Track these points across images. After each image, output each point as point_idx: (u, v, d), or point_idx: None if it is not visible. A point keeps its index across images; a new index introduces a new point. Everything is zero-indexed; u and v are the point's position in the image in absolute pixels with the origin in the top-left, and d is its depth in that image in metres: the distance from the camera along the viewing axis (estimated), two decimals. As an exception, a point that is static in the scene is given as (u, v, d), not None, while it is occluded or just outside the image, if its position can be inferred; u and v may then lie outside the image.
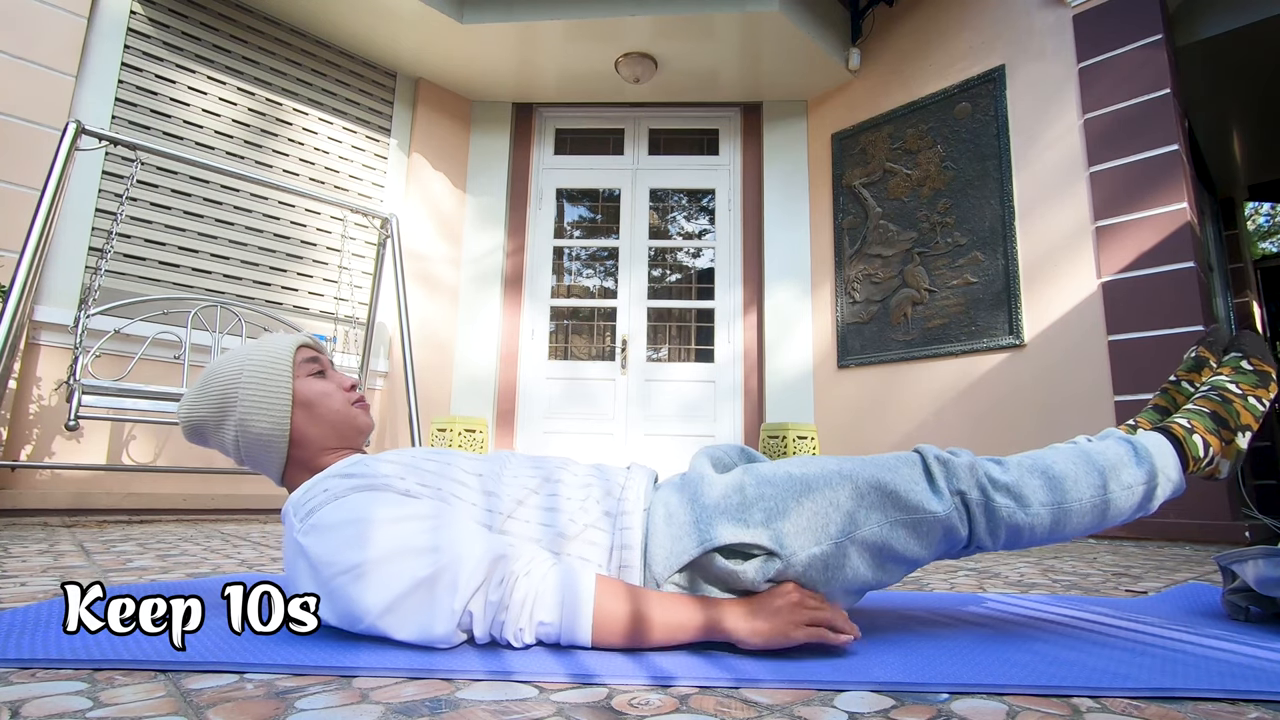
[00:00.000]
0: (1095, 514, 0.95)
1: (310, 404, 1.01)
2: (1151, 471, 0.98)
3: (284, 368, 1.01)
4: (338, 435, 1.02)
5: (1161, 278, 2.92)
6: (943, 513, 0.88)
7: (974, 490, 0.90)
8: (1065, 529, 0.94)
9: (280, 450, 0.99)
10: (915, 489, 0.89)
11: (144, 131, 3.34)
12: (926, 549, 0.90)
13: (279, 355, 1.02)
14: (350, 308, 3.96)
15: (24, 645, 0.76)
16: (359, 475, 0.89)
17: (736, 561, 0.85)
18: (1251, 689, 0.69)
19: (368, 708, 0.60)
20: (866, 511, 0.87)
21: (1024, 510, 0.91)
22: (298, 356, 1.04)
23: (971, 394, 3.45)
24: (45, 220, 2.47)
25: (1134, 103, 3.08)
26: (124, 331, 3.04)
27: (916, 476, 0.90)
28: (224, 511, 3.40)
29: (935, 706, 0.64)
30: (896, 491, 0.88)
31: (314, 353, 1.07)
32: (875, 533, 0.87)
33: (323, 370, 1.06)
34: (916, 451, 0.95)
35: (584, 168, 4.62)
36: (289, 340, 1.05)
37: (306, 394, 1.01)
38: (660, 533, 0.90)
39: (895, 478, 0.89)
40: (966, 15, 3.74)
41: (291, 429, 0.99)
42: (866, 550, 0.87)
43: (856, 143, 4.15)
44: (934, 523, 0.88)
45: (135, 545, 1.98)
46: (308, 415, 1.01)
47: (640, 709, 0.62)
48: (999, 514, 0.90)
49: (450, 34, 3.90)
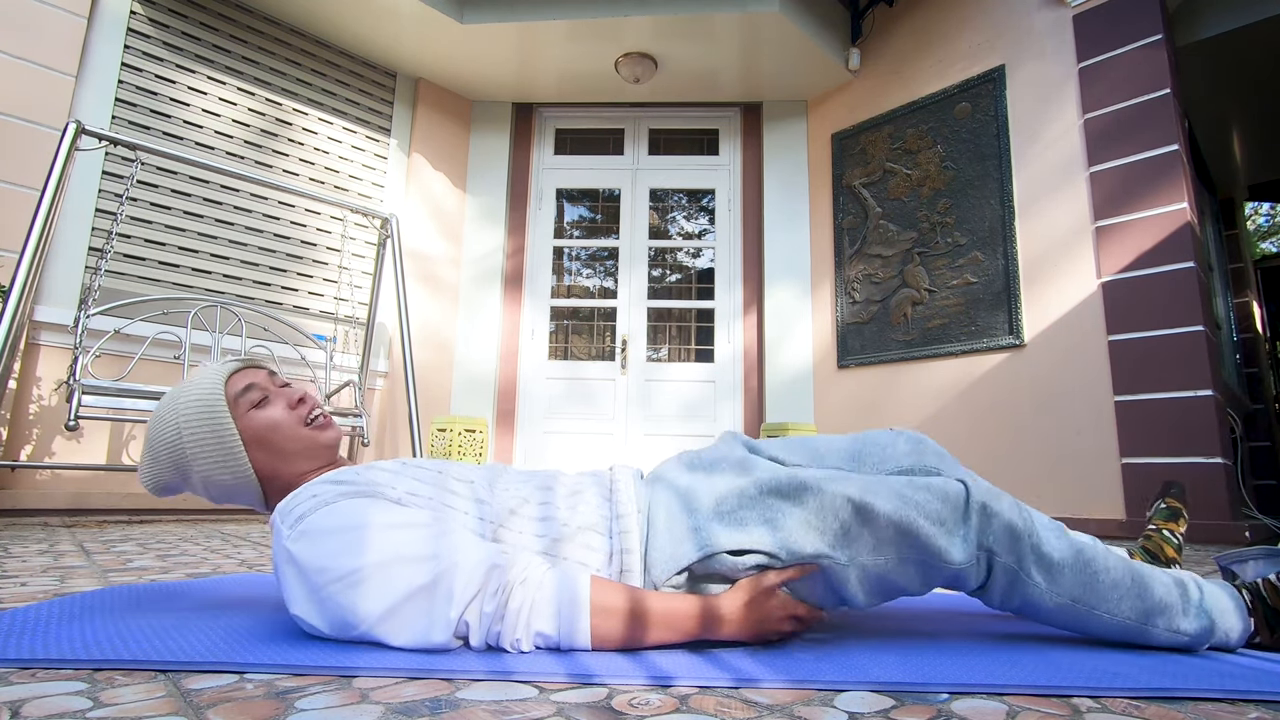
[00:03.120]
0: (1123, 632, 0.88)
1: (262, 441, 0.95)
2: (1206, 628, 0.87)
3: (220, 413, 0.94)
4: (306, 458, 0.98)
5: (1161, 278, 2.92)
6: (960, 564, 0.85)
7: (1008, 557, 0.85)
8: (1085, 628, 0.89)
9: (252, 489, 0.96)
10: (938, 535, 0.84)
11: (144, 131, 3.34)
12: (926, 587, 0.89)
13: (210, 401, 0.95)
14: (350, 308, 3.96)
15: (24, 645, 0.76)
16: (349, 482, 0.88)
17: (733, 557, 0.86)
18: (1251, 689, 0.69)
19: (368, 708, 0.60)
20: (880, 544, 0.85)
21: (1053, 593, 0.86)
22: (230, 390, 0.96)
23: (971, 394, 3.45)
24: (45, 220, 2.47)
25: (1134, 103, 3.08)
26: (124, 331, 3.04)
27: (947, 518, 0.85)
28: (224, 511, 3.40)
29: (935, 706, 0.64)
30: (918, 535, 0.83)
31: (249, 379, 0.98)
32: (881, 565, 0.86)
33: (265, 395, 0.97)
34: (962, 485, 0.86)
35: (584, 168, 4.62)
36: (214, 377, 0.97)
37: (254, 430, 0.95)
38: (660, 536, 0.90)
39: (921, 518, 0.84)
40: (966, 15, 3.74)
41: (254, 469, 0.95)
42: (867, 577, 0.87)
43: (856, 143, 4.15)
44: (947, 571, 0.86)
45: (135, 545, 1.98)
46: (264, 452, 0.95)
47: (640, 709, 0.62)
48: (1024, 588, 0.86)
49: (450, 34, 3.90)
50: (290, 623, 0.91)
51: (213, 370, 0.98)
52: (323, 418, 1.00)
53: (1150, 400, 2.87)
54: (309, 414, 0.99)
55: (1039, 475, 3.15)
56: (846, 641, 0.90)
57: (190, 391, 0.96)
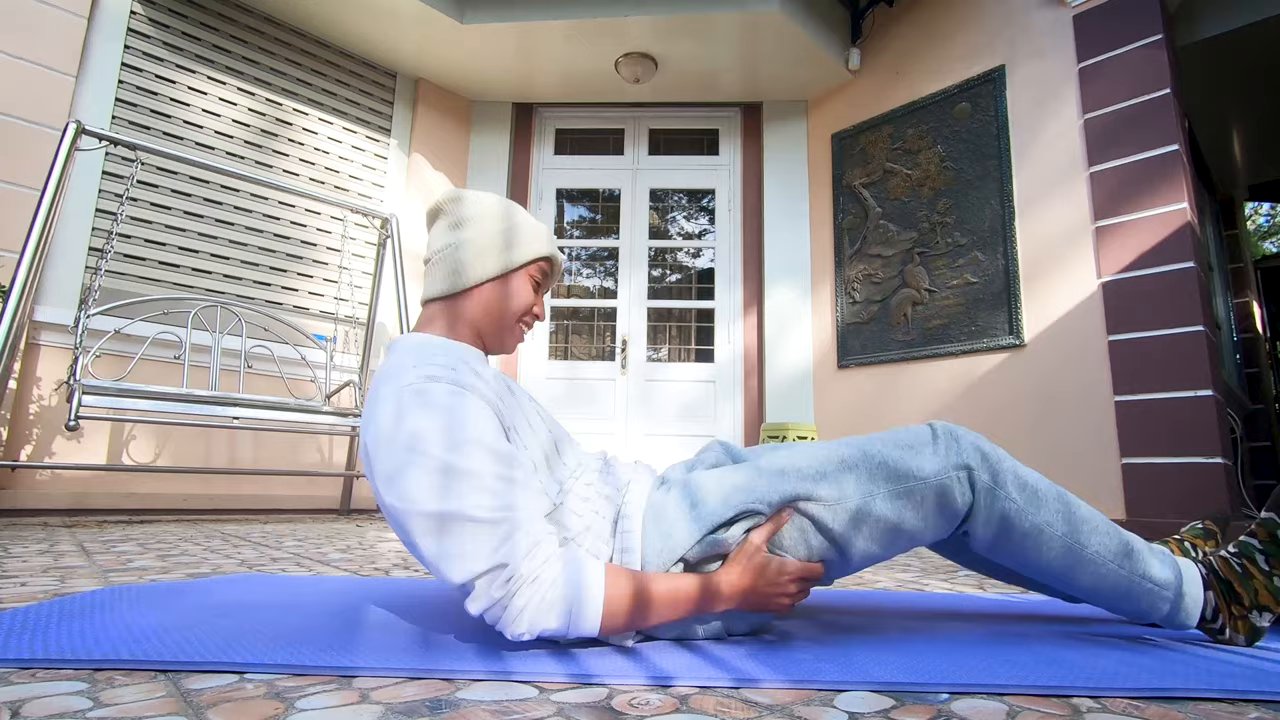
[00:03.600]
0: (1109, 576, 0.93)
1: (501, 294, 1.03)
2: (1175, 580, 0.94)
3: (528, 249, 1.04)
4: (489, 332, 1.04)
5: (1161, 278, 2.92)
6: (935, 475, 0.90)
7: (984, 473, 0.91)
8: (1070, 568, 0.92)
9: (452, 287, 1.01)
10: (906, 456, 0.91)
11: (144, 131, 3.34)
12: (922, 521, 0.91)
13: (534, 238, 1.05)
14: (350, 308, 3.96)
15: (24, 645, 0.76)
16: (488, 385, 0.90)
17: (721, 531, 0.90)
18: (1251, 689, 0.69)
19: (368, 708, 0.60)
20: (856, 480, 0.90)
21: (1032, 513, 0.91)
22: (541, 256, 1.06)
23: (971, 394, 3.45)
24: (45, 220, 2.48)
25: (1134, 103, 3.08)
26: (124, 331, 3.04)
27: (913, 442, 0.93)
28: (224, 511, 3.40)
29: (935, 706, 0.64)
30: (886, 462, 0.91)
31: (549, 269, 1.09)
32: (864, 500, 0.90)
33: (539, 286, 1.08)
34: (927, 424, 0.96)
35: (584, 168, 4.62)
36: (547, 242, 1.07)
37: (509, 284, 1.03)
38: (653, 534, 0.92)
39: (889, 448, 0.92)
40: (966, 15, 3.74)
41: (472, 289, 1.01)
42: (853, 518, 0.90)
43: (856, 143, 4.15)
44: (927, 489, 0.90)
45: (135, 545, 1.98)
46: (490, 297, 1.02)
47: (640, 709, 0.62)
48: (1004, 506, 0.91)
49: (450, 34, 3.90)
50: (290, 623, 0.91)
51: (550, 239, 1.08)
52: (526, 334, 1.11)
53: (1150, 400, 2.87)
54: (527, 324, 1.08)
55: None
56: (847, 641, 0.91)
57: (536, 223, 1.07)
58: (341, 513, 3.70)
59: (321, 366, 3.52)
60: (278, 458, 3.57)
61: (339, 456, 3.80)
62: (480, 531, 0.77)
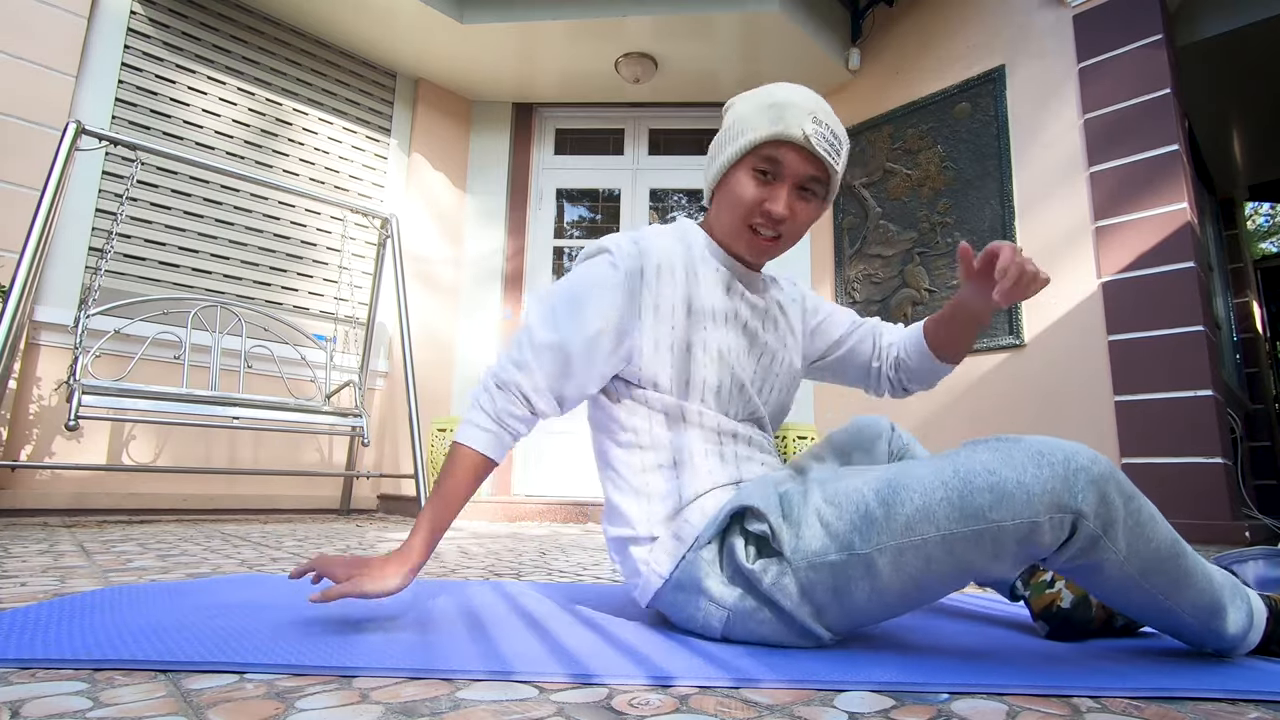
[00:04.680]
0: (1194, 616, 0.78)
1: (726, 191, 0.96)
2: (1241, 639, 0.81)
3: (742, 140, 0.92)
4: (727, 243, 0.98)
5: (1161, 278, 2.92)
6: (1021, 519, 0.71)
7: (1095, 522, 0.71)
8: (1145, 611, 0.78)
9: (708, 187, 1.01)
10: (994, 497, 0.72)
11: (144, 131, 3.34)
12: (968, 566, 0.75)
13: (754, 124, 0.91)
14: (350, 308, 3.96)
15: (24, 645, 0.76)
16: (644, 256, 0.94)
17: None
18: (1251, 689, 0.69)
19: (368, 708, 0.60)
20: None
21: (1135, 571, 0.74)
22: (764, 144, 0.90)
23: (972, 394, 3.45)
24: (45, 220, 2.48)
25: (1134, 103, 3.08)
26: (124, 331, 3.04)
27: (1006, 480, 0.72)
28: (224, 511, 3.40)
29: (935, 706, 0.64)
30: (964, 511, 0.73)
31: (777, 150, 0.90)
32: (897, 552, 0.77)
33: (769, 174, 0.92)
34: (1036, 449, 0.72)
35: (584, 168, 4.62)
36: (770, 120, 0.90)
37: (730, 180, 0.95)
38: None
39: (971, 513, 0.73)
40: (966, 15, 3.74)
41: (714, 191, 0.99)
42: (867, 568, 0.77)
43: (856, 143, 4.15)
44: (1003, 534, 0.72)
45: (135, 545, 1.98)
46: (721, 197, 0.97)
47: (640, 709, 0.62)
48: (1100, 554, 0.73)
49: (450, 34, 3.90)
50: (290, 623, 0.91)
51: (784, 115, 0.90)
52: (769, 240, 0.95)
53: (1150, 400, 2.87)
54: (765, 224, 0.94)
55: (1039, 475, 3.14)
56: (847, 641, 0.90)
57: (773, 101, 0.91)
58: (341, 513, 3.70)
59: (321, 366, 3.52)
60: (277, 458, 3.57)
61: (339, 456, 3.80)
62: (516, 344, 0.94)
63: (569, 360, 0.91)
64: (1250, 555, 1.05)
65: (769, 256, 0.98)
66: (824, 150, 0.90)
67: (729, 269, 0.99)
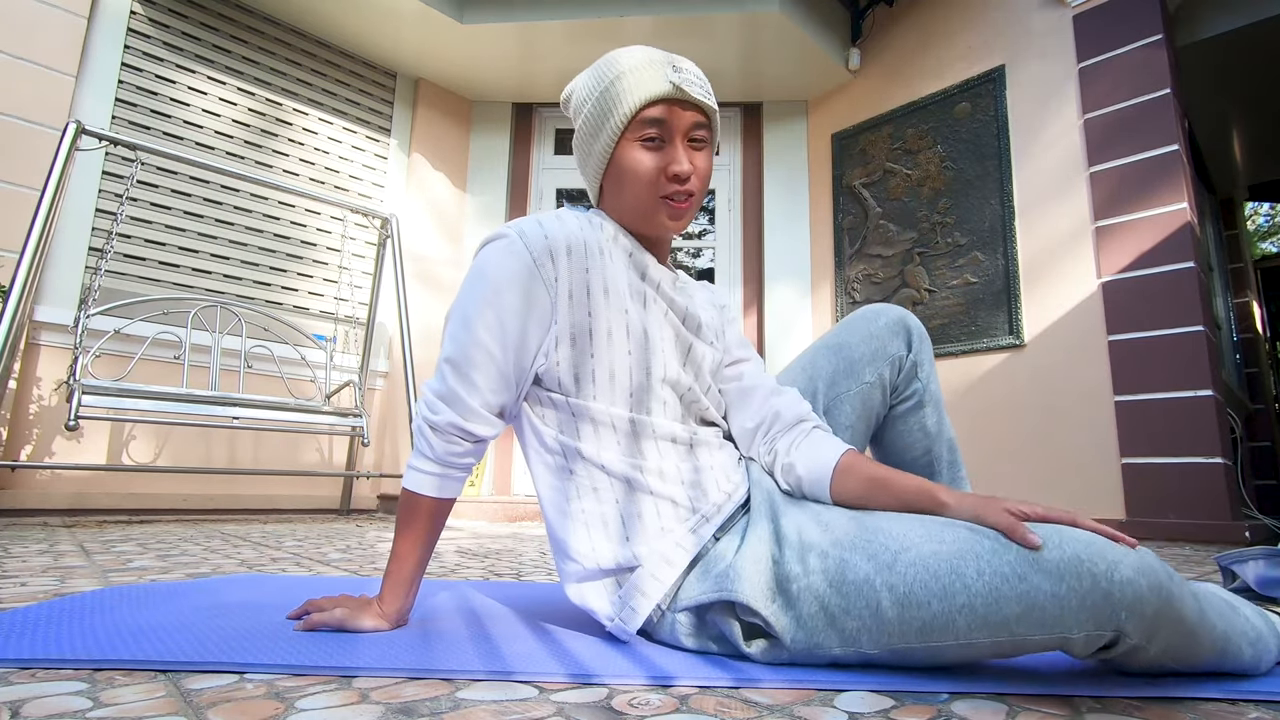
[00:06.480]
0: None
1: (618, 175, 0.88)
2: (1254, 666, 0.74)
3: (618, 113, 0.85)
4: (635, 218, 0.90)
5: (1161, 278, 2.92)
6: (1051, 635, 0.64)
7: (1137, 636, 0.63)
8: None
9: (592, 192, 0.95)
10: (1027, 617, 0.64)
11: (144, 131, 3.34)
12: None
13: (625, 93, 0.84)
14: (350, 308, 3.96)
15: (24, 645, 0.76)
16: (549, 242, 0.84)
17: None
18: (1251, 689, 0.69)
19: (368, 708, 0.60)
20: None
21: (1172, 664, 0.68)
22: (641, 110, 0.85)
23: (972, 394, 3.45)
24: (45, 220, 2.48)
25: (1134, 103, 3.08)
26: (124, 331, 3.04)
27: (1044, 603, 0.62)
28: (224, 511, 3.40)
29: (935, 706, 0.64)
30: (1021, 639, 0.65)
31: (662, 110, 0.85)
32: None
33: (658, 138, 0.86)
34: (1116, 632, 0.61)
35: (584, 168, 4.62)
36: (645, 86, 0.84)
37: (619, 162, 0.87)
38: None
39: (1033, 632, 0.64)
40: (966, 15, 3.74)
41: (601, 185, 0.92)
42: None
43: (856, 143, 4.15)
44: (1031, 645, 0.66)
45: (135, 545, 1.98)
46: (613, 183, 0.89)
47: (640, 709, 0.62)
48: (1138, 655, 0.66)
49: (450, 34, 3.90)
50: (290, 623, 0.91)
51: (649, 78, 0.84)
52: (684, 202, 0.88)
53: (1150, 400, 2.87)
54: (675, 191, 0.87)
55: (1039, 475, 3.15)
56: (846, 641, 0.90)
57: (627, 70, 0.85)
58: (341, 513, 3.70)
59: (321, 366, 3.52)
60: (277, 458, 3.57)
61: (339, 456, 3.80)
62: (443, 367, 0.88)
63: (495, 368, 0.84)
64: (1250, 555, 1.05)
65: (688, 220, 0.90)
66: (699, 94, 0.86)
67: (641, 254, 0.92)
